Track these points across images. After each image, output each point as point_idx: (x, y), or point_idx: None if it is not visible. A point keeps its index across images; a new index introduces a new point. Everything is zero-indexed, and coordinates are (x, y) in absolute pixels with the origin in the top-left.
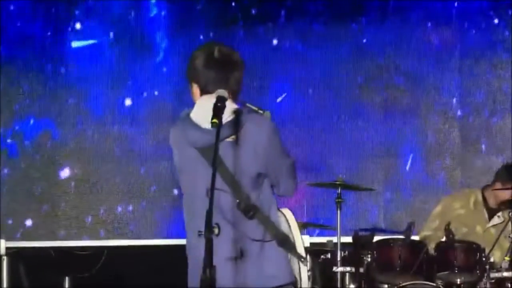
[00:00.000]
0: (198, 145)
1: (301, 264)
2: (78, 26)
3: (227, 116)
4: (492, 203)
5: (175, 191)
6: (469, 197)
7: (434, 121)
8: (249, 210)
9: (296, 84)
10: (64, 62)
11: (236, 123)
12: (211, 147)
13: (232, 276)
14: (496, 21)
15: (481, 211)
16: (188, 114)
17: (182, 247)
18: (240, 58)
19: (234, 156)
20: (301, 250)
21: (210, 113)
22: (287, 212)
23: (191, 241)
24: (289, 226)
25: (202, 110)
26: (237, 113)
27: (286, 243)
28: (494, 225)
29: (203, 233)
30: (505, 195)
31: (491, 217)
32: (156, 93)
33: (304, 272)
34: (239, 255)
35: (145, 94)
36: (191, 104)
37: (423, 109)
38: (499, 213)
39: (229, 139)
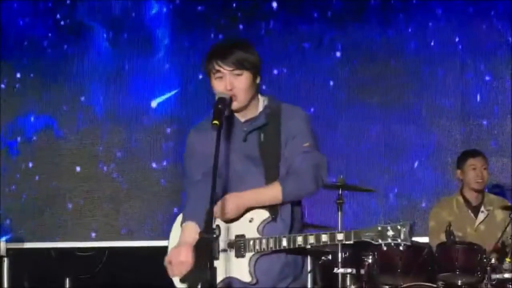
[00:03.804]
0: None
1: None
2: (79, 23)
3: None
4: (473, 199)
5: (176, 192)
6: (452, 202)
7: (436, 122)
8: None
9: (296, 84)
10: (64, 59)
11: None
12: None
13: None
14: (496, 22)
15: (466, 212)
16: None
17: None
18: None
19: None
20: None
21: None
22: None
23: None
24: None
25: None
26: None
27: None
28: (481, 222)
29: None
30: (470, 177)
31: (476, 215)
32: (157, 89)
33: None
34: None
35: (146, 90)
36: (193, 100)
37: (425, 109)
38: (482, 208)
39: None
